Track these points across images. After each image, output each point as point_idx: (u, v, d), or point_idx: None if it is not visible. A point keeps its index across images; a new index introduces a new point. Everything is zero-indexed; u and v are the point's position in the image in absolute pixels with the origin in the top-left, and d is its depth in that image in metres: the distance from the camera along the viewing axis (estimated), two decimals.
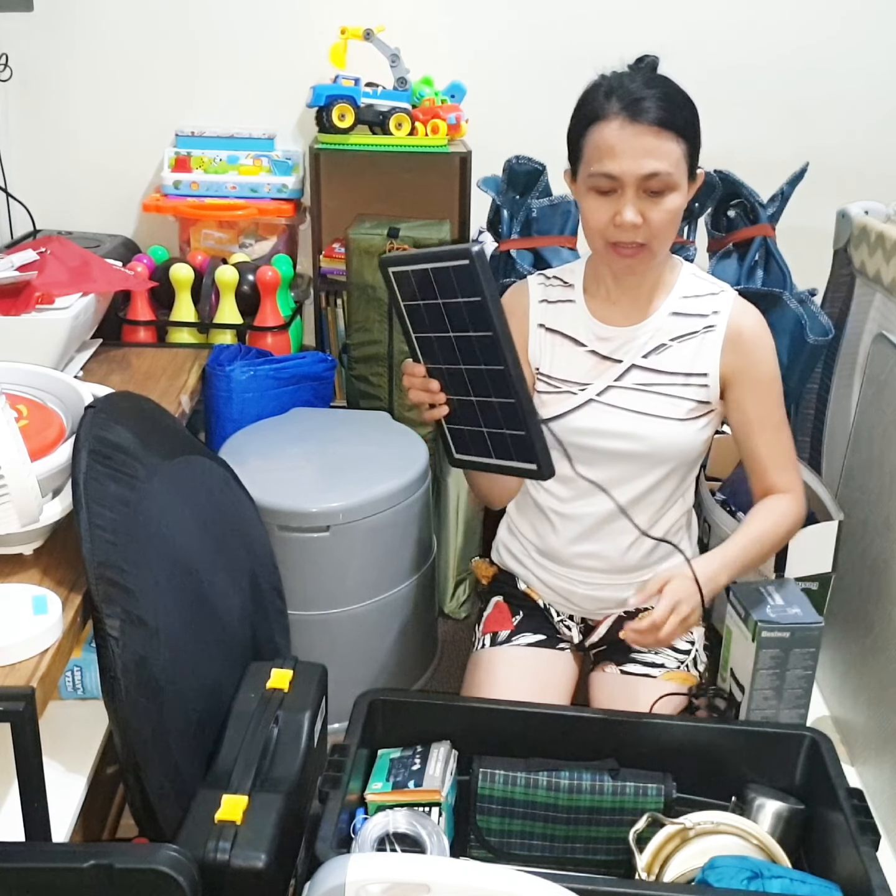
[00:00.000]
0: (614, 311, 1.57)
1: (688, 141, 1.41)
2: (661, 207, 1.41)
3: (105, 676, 1.29)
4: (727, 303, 1.54)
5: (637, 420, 1.54)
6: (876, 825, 1.25)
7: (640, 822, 1.31)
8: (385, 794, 1.35)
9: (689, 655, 1.64)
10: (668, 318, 1.54)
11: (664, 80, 1.44)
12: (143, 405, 1.61)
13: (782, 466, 1.56)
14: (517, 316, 1.58)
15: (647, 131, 1.38)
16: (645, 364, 1.55)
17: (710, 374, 1.53)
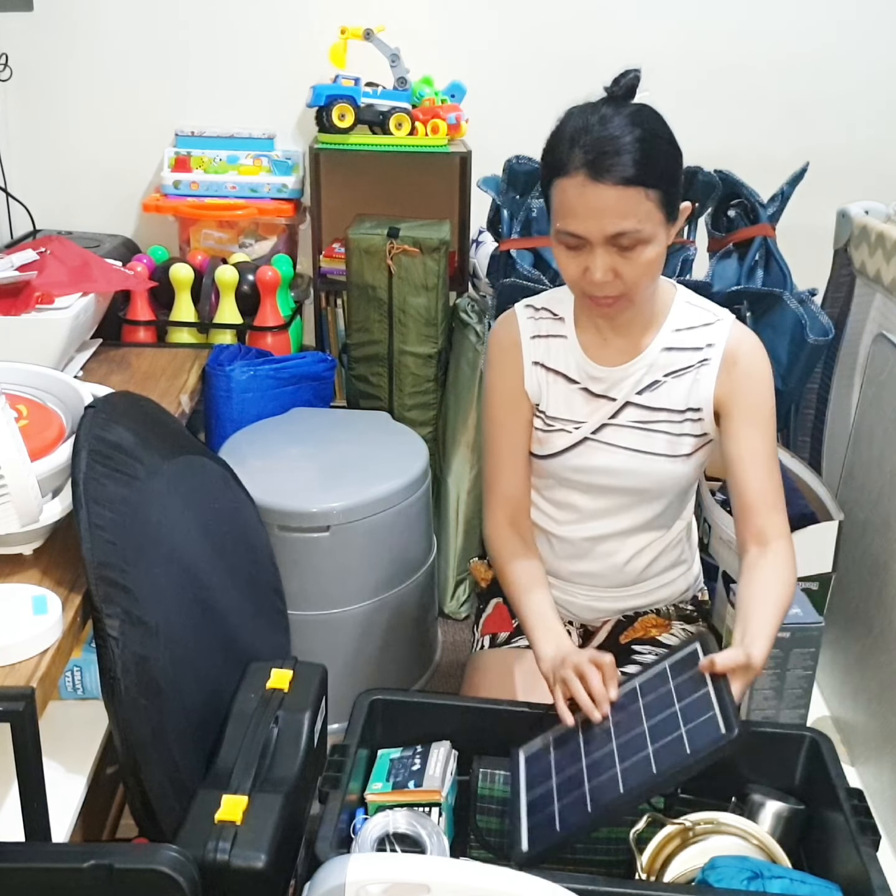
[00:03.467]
0: (606, 348, 1.50)
1: (662, 189, 1.30)
2: (633, 262, 1.32)
3: (105, 676, 1.29)
4: (722, 333, 1.46)
5: (634, 458, 1.51)
6: (876, 825, 1.25)
7: (641, 822, 1.31)
8: (385, 795, 1.35)
9: None
10: (661, 353, 1.48)
11: (639, 116, 1.32)
12: (143, 405, 1.61)
13: (773, 507, 1.44)
14: (511, 353, 1.53)
15: (610, 191, 1.28)
16: (639, 401, 1.50)
17: (705, 409, 1.48)
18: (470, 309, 2.52)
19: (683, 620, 1.67)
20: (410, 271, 2.43)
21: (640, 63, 2.89)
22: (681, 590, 1.68)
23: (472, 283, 2.63)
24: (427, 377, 2.52)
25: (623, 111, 1.33)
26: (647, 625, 1.65)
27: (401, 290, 2.44)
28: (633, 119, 1.32)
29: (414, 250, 2.41)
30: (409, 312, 2.46)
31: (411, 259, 2.42)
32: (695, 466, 1.54)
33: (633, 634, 1.65)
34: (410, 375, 2.52)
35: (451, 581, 2.54)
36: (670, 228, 1.36)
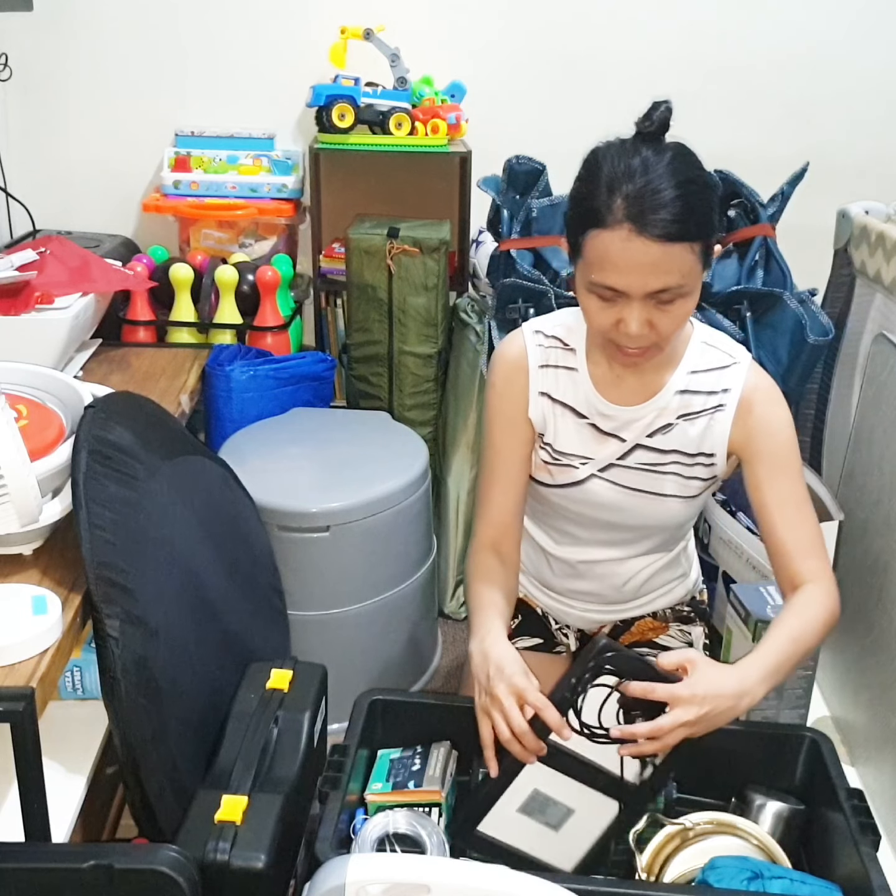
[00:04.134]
0: (618, 386, 1.45)
1: (703, 240, 1.26)
2: (671, 315, 1.29)
3: (105, 676, 1.29)
4: (738, 378, 1.41)
5: (640, 498, 1.48)
6: (876, 825, 1.25)
7: (640, 822, 1.31)
8: (385, 795, 1.35)
9: None
10: (675, 396, 1.43)
11: (681, 164, 1.26)
12: (143, 405, 1.61)
13: (808, 553, 1.39)
14: (517, 379, 1.48)
15: (656, 247, 1.22)
16: (649, 443, 1.46)
17: (718, 455, 1.45)
18: (470, 309, 2.52)
19: (680, 622, 1.68)
20: (410, 271, 2.43)
21: (640, 63, 2.90)
22: (679, 596, 1.68)
23: (472, 283, 2.63)
24: (427, 377, 2.52)
25: (663, 156, 1.25)
26: (644, 628, 1.66)
27: (401, 290, 2.44)
28: (676, 167, 1.25)
29: (414, 250, 2.41)
30: (409, 312, 2.46)
31: (411, 259, 2.42)
32: (700, 505, 1.53)
33: (630, 638, 1.65)
34: (410, 375, 2.52)
35: (451, 581, 2.54)
36: (706, 272, 1.31)
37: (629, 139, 1.29)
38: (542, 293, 2.29)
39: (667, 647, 1.63)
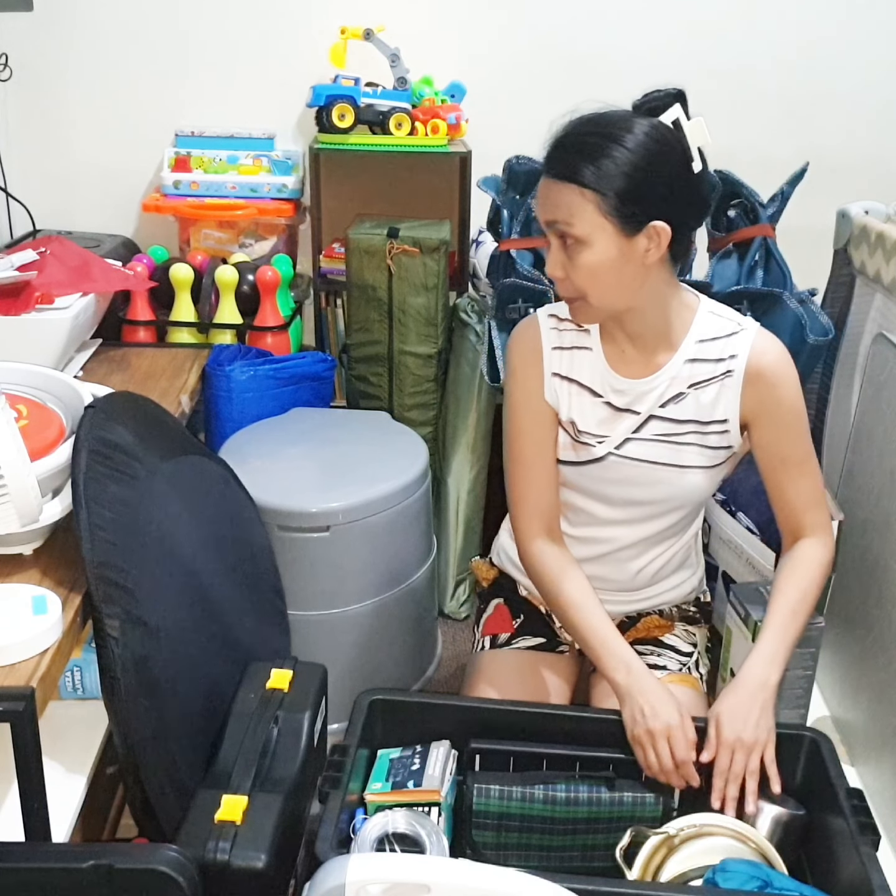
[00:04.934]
0: (628, 360, 1.49)
1: (600, 193, 1.31)
2: (575, 264, 1.36)
3: (105, 676, 1.29)
4: (745, 343, 1.45)
5: (657, 470, 1.50)
6: (876, 825, 1.25)
7: (625, 838, 1.31)
8: (384, 795, 1.35)
9: (691, 658, 1.63)
10: (685, 365, 1.47)
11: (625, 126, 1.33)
12: (143, 405, 1.61)
13: (809, 506, 1.49)
14: (532, 362, 1.52)
15: (551, 183, 1.35)
16: (663, 414, 1.49)
17: (730, 420, 1.48)
18: (470, 309, 2.52)
19: (686, 622, 1.68)
20: (410, 271, 2.43)
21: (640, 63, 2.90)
22: (685, 593, 1.68)
23: (472, 283, 2.63)
24: (427, 377, 2.52)
25: (614, 117, 1.35)
26: (650, 625, 1.65)
27: (401, 290, 2.44)
28: (617, 126, 1.33)
29: (414, 250, 2.41)
30: (409, 312, 2.46)
31: (411, 259, 2.42)
32: (718, 478, 1.55)
33: (636, 634, 1.65)
34: (410, 375, 2.52)
35: (451, 581, 2.54)
36: (629, 243, 1.34)
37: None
38: (542, 293, 2.29)
39: (672, 646, 1.63)
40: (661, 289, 1.42)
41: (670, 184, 1.34)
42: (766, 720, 1.36)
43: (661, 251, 1.36)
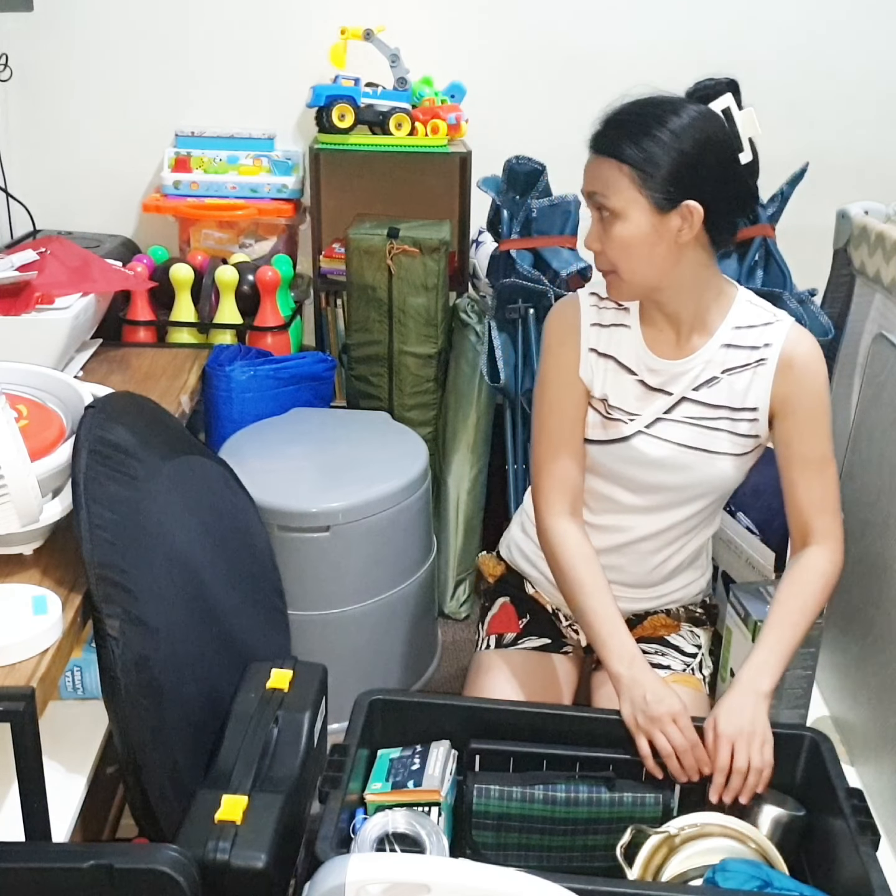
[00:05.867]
0: (664, 341, 1.51)
1: (637, 167, 1.35)
2: (609, 236, 1.40)
3: (105, 676, 1.29)
4: (780, 333, 1.47)
5: (686, 454, 1.51)
6: (876, 825, 1.25)
7: (625, 836, 1.31)
8: (384, 795, 1.35)
9: (695, 659, 1.64)
10: (720, 349, 1.48)
11: (670, 108, 1.38)
12: (143, 405, 1.61)
13: (821, 509, 1.48)
14: (569, 337, 1.54)
15: (594, 158, 1.40)
16: (695, 397, 1.50)
17: (760, 409, 1.49)
18: (470, 309, 2.52)
19: (692, 623, 1.68)
20: (410, 271, 2.43)
21: (640, 63, 2.89)
22: (693, 593, 1.68)
23: (472, 283, 2.63)
24: (427, 377, 2.52)
25: (662, 101, 1.39)
26: (657, 624, 1.65)
27: (401, 290, 2.44)
28: (663, 107, 1.37)
29: (414, 250, 2.41)
30: (409, 312, 2.46)
31: (411, 259, 2.42)
32: (745, 468, 1.54)
33: (642, 632, 1.65)
34: (410, 375, 2.52)
35: (451, 581, 2.54)
36: (662, 220, 1.37)
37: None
38: (541, 293, 2.30)
39: (677, 646, 1.64)
40: (698, 271, 1.44)
41: (709, 168, 1.37)
42: (762, 720, 1.36)
43: (693, 231, 1.38)
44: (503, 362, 2.34)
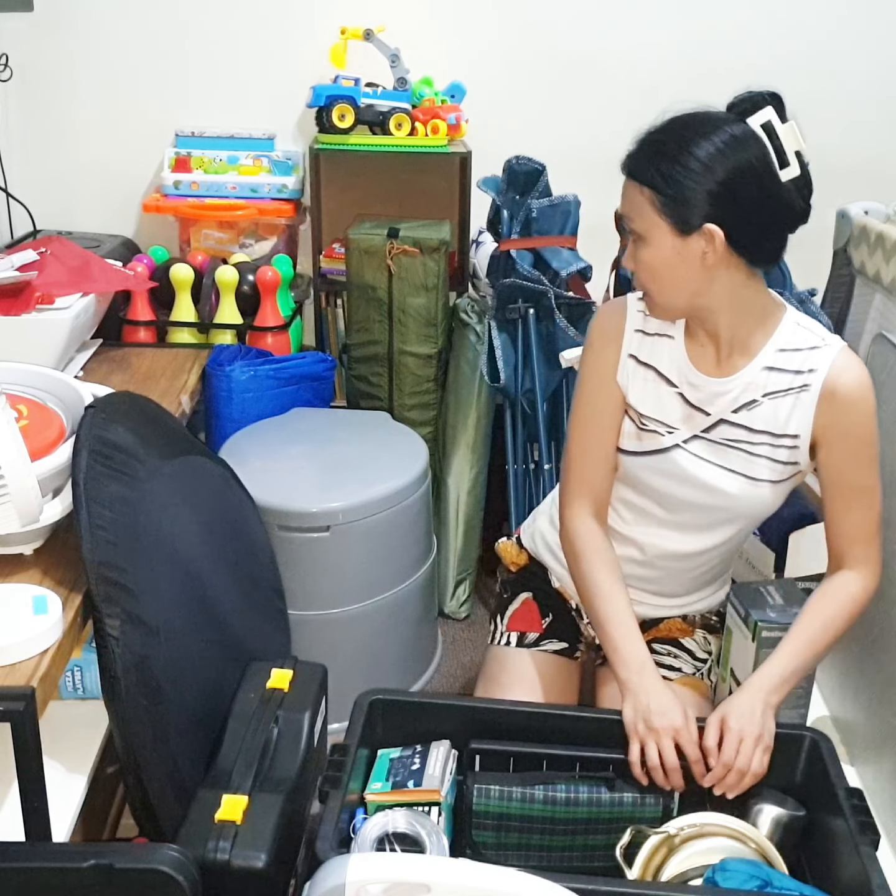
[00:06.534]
0: (706, 357, 1.46)
1: (657, 191, 1.33)
2: (637, 259, 1.39)
3: (105, 676, 1.29)
4: (826, 359, 1.41)
5: (722, 476, 1.47)
6: (876, 825, 1.25)
7: (625, 836, 1.31)
8: (384, 794, 1.35)
9: (705, 664, 1.64)
10: (762, 372, 1.43)
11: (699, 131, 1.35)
12: (143, 405, 1.61)
13: (858, 538, 1.45)
14: (612, 340, 1.51)
15: (624, 180, 1.39)
16: (734, 419, 1.45)
17: (802, 436, 1.43)
18: (470, 309, 2.52)
19: (706, 629, 1.67)
20: (410, 271, 2.43)
21: (640, 63, 2.89)
22: (712, 604, 1.68)
23: (472, 283, 2.63)
24: (427, 377, 2.52)
25: (693, 122, 1.36)
26: (672, 627, 1.65)
27: (401, 290, 2.44)
28: (693, 129, 1.35)
29: (414, 250, 2.41)
30: (409, 312, 2.46)
31: (411, 259, 2.42)
32: (783, 494, 1.51)
33: (656, 634, 1.65)
34: (410, 375, 2.52)
35: (451, 581, 2.54)
36: (684, 243, 1.34)
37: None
38: (541, 293, 2.30)
39: (690, 650, 1.63)
40: (735, 291, 1.39)
41: (737, 193, 1.33)
42: (770, 725, 1.36)
43: (718, 254, 1.34)
44: (503, 362, 2.34)
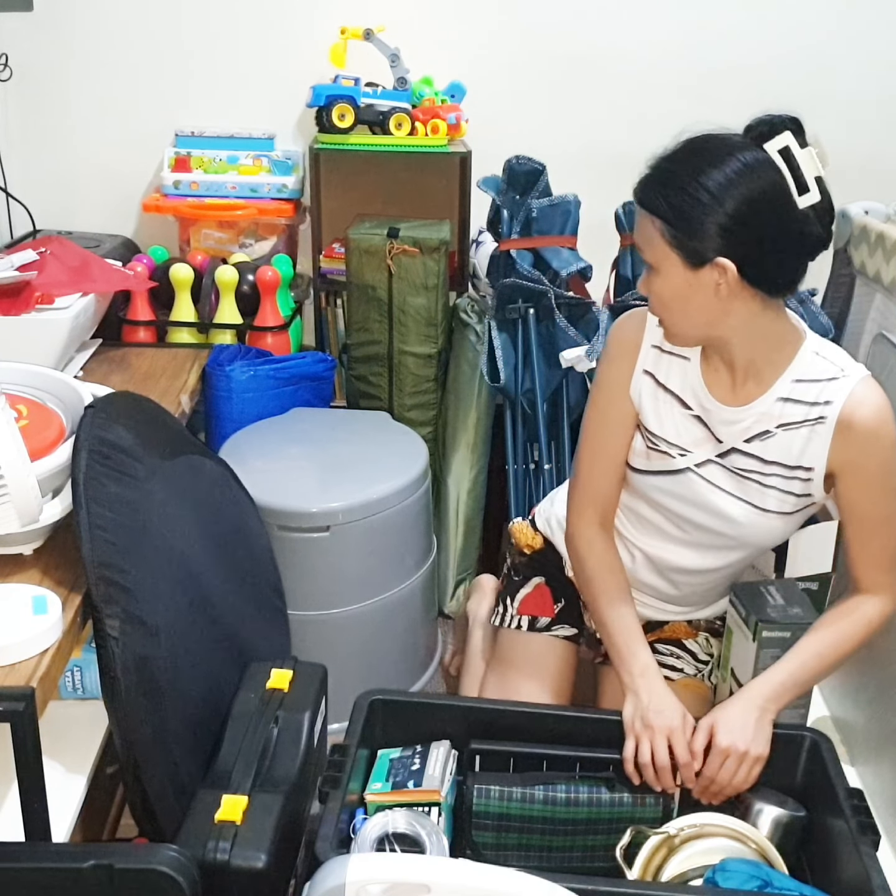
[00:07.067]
0: (721, 382, 1.44)
1: (667, 223, 1.30)
2: (650, 289, 1.37)
3: (105, 676, 1.29)
4: (843, 391, 1.37)
5: (733, 504, 1.46)
6: (876, 825, 1.25)
7: (625, 836, 1.31)
8: (384, 795, 1.35)
9: (707, 666, 1.64)
10: (776, 403, 1.40)
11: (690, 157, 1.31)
12: (143, 405, 1.61)
13: (876, 566, 1.44)
14: (629, 352, 1.49)
15: (637, 208, 1.36)
16: (747, 449, 1.44)
17: (816, 469, 1.41)
18: (470, 309, 2.52)
19: (710, 633, 1.68)
20: (410, 271, 2.43)
21: (640, 64, 2.89)
22: (717, 611, 1.68)
23: (472, 283, 2.63)
24: (427, 377, 2.52)
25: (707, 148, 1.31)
26: (677, 629, 1.67)
27: (401, 290, 2.44)
28: (705, 158, 1.30)
29: (414, 250, 2.41)
30: (409, 312, 2.46)
31: (411, 259, 2.42)
32: (796, 525, 1.51)
33: (661, 634, 1.66)
34: (410, 375, 2.52)
35: (451, 581, 2.54)
36: (696, 275, 1.32)
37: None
38: (542, 293, 2.29)
39: (693, 652, 1.64)
40: (751, 321, 1.36)
41: (749, 224, 1.28)
42: (764, 734, 1.36)
43: (730, 286, 1.31)
44: (503, 362, 2.34)
